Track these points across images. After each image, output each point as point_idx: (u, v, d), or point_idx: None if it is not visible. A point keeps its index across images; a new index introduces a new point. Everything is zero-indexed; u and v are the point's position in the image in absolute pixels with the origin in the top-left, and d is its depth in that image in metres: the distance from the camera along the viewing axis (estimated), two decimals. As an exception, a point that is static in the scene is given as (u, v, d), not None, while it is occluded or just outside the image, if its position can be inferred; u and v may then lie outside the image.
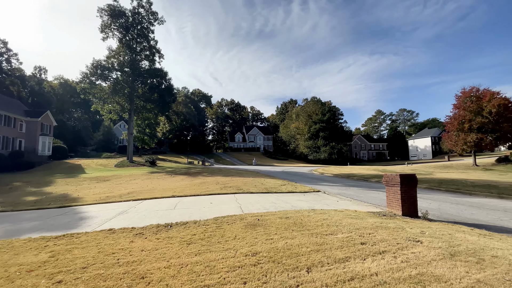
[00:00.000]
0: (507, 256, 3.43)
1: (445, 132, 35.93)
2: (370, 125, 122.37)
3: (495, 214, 7.29)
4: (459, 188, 12.72)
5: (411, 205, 6.78)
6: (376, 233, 4.56)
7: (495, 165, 29.91)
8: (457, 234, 4.58)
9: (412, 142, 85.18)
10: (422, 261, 3.25)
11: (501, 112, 27.95)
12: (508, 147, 60.98)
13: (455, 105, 32.03)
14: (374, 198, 10.34)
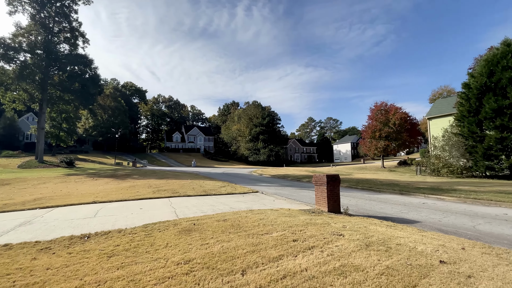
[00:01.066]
0: (407, 244, 4.12)
1: (361, 139, 41.96)
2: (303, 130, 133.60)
3: (398, 208, 8.79)
4: (371, 187, 14.95)
5: (335, 202, 7.58)
6: (307, 230, 4.88)
7: (397, 167, 36.53)
8: (371, 227, 5.31)
9: (336, 146, 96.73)
10: (344, 253, 3.61)
11: (402, 124, 34.39)
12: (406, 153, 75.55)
13: (370, 116, 37.84)
14: (305, 196, 11.21)
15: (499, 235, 5.44)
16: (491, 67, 19.67)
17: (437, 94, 66.14)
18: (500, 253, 3.82)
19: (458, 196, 10.53)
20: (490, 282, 2.68)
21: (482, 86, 19.99)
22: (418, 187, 13.87)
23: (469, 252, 3.75)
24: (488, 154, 19.52)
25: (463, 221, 6.74)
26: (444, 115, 28.75)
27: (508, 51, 19.04)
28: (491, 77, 19.52)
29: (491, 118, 19.20)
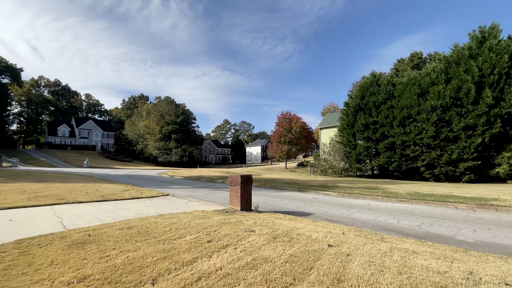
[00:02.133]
0: (305, 233, 4.83)
1: (270, 143, 46.15)
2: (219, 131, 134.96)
3: (297, 203, 10.14)
4: (277, 185, 16.65)
5: (247, 201, 8.05)
6: (221, 229, 4.98)
7: (296, 168, 42.09)
8: (277, 221, 5.94)
9: (248, 149, 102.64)
10: (255, 247, 3.90)
11: (302, 131, 39.96)
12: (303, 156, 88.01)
13: (277, 123, 42.15)
14: (219, 197, 11.36)
15: (366, 220, 7.15)
16: (362, 92, 25.61)
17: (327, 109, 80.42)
18: (366, 234, 5.03)
19: (338, 191, 13.15)
20: (361, 257, 3.51)
21: (357, 106, 25.74)
22: (311, 185, 16.43)
23: (347, 236, 4.77)
24: (359, 158, 25.26)
25: (342, 211, 8.47)
26: (331, 126, 35.29)
27: (374, 81, 25.34)
28: (363, 99, 25.42)
29: (361, 131, 24.95)
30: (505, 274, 3.15)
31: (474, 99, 17.70)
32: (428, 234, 5.82)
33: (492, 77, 17.19)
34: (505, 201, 9.69)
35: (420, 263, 3.30)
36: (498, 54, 17.32)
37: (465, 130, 18.03)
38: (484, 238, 5.54)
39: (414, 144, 20.90)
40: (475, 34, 19.28)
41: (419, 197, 10.94)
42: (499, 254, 4.27)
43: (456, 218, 7.57)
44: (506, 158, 16.60)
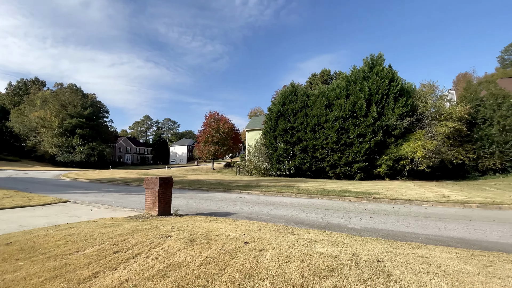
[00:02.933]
0: (224, 233, 4.91)
1: (196, 143, 44.93)
2: (138, 128, 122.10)
3: (220, 204, 10.20)
4: (201, 187, 16.33)
5: (166, 205, 7.58)
6: (132, 238, 4.53)
7: (223, 169, 42.38)
8: (197, 223, 5.82)
9: (173, 148, 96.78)
10: (170, 253, 3.72)
11: (229, 132, 40.53)
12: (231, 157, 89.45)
13: (204, 123, 41.45)
14: (134, 202, 10.29)
15: (281, 216, 7.83)
16: (283, 99, 28.06)
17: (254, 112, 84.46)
18: (280, 229, 5.52)
19: (260, 190, 13.97)
20: (272, 250, 3.83)
21: (278, 112, 28.01)
22: (236, 185, 16.87)
23: (263, 231, 5.12)
24: (279, 159, 27.52)
25: (261, 209, 9.03)
26: (257, 129, 37.20)
27: (293, 91, 28.13)
28: (283, 106, 27.85)
29: (282, 134, 27.27)
30: (377, 252, 4.04)
31: (365, 113, 22.03)
32: (328, 224, 6.85)
33: (377, 96, 21.83)
34: (382, 194, 12.38)
35: (319, 251, 3.86)
36: (382, 78, 22.13)
37: (358, 137, 22.18)
38: (367, 224, 6.93)
39: (322, 148, 24.29)
40: (367, 60, 24.03)
41: (324, 193, 12.76)
42: (375, 237, 5.42)
43: (349, 209, 9.18)
44: (385, 161, 21.32)
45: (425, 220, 7.45)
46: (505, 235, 5.90)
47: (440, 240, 5.46)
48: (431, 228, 6.47)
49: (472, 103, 23.66)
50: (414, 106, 22.31)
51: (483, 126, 22.90)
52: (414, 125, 21.82)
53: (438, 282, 2.93)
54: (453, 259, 3.82)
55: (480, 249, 4.76)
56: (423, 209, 9.27)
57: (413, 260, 3.65)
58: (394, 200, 10.95)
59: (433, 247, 4.52)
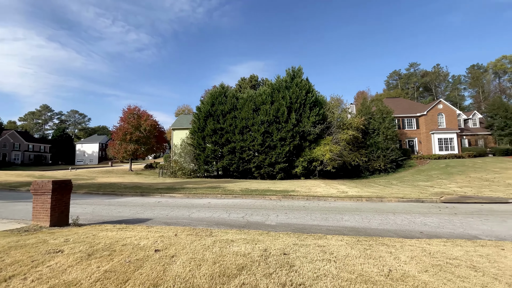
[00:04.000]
0: (133, 242, 4.44)
1: (111, 140, 39.54)
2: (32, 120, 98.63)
3: (135, 209, 9.23)
4: (114, 191, 14.42)
5: (62, 213, 6.34)
6: (7, 257, 3.58)
7: (143, 170, 38.62)
8: (101, 233, 5.08)
9: (80, 146, 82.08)
10: (57, 272, 3.10)
11: (152, 130, 37.29)
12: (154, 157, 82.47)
13: (122, 118, 36.90)
14: (20, 211, 8.22)
15: (203, 218, 7.67)
16: (213, 100, 27.85)
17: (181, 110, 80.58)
18: (198, 232, 5.39)
19: (184, 193, 13.38)
20: (185, 256, 3.69)
21: (207, 112, 27.61)
22: (157, 188, 15.65)
23: (179, 236, 4.89)
24: (207, 160, 27.08)
25: (183, 212, 8.65)
26: (184, 128, 35.61)
27: (222, 92, 28.24)
28: (213, 106, 27.63)
29: (210, 135, 26.96)
30: (285, 246, 4.43)
31: (286, 119, 24.17)
32: (248, 223, 7.13)
33: (296, 104, 24.29)
34: (297, 192, 13.77)
35: (233, 250, 3.95)
36: (301, 89, 24.76)
37: (280, 141, 24.11)
38: (282, 220, 7.55)
39: (248, 149, 25.26)
40: (289, 72, 26.46)
41: (248, 193, 13.26)
42: (287, 231, 5.95)
43: (268, 207, 9.82)
44: (301, 162, 23.87)
45: (328, 213, 8.67)
46: (383, 222, 7.45)
47: (337, 230, 6.44)
48: (332, 220, 7.57)
49: (366, 116, 29.21)
50: (325, 116, 25.84)
51: (372, 135, 28.55)
52: (324, 132, 25.25)
53: (329, 267, 3.43)
54: (343, 246, 4.57)
55: (365, 235, 5.85)
56: (327, 204, 10.78)
57: (313, 250, 4.18)
58: (306, 197, 12.33)
59: (331, 237, 5.29)
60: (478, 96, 73.60)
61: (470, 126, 39.71)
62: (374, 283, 3.00)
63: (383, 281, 3.09)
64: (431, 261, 3.91)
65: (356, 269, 3.45)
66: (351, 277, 3.14)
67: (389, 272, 3.38)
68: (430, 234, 6.06)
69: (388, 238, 5.40)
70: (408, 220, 7.60)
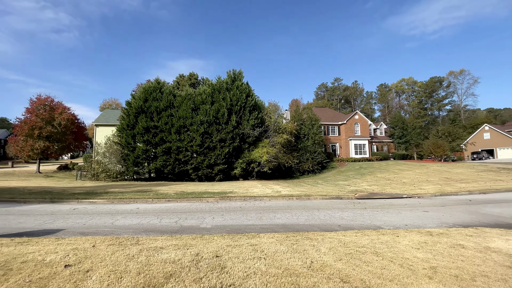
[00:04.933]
0: (36, 258, 3.71)
1: (13, 135, 32.13)
2: None
3: (43, 219, 7.72)
4: (14, 197, 11.76)
5: None
6: None
7: (56, 172, 32.58)
8: (-12, 252, 4.06)
9: (-39, 142, 63.65)
10: None
11: (69, 125, 31.90)
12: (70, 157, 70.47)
13: (29, 110, 30.47)
14: None
15: (129, 225, 6.97)
16: (146, 95, 25.71)
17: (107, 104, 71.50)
18: (122, 241, 4.88)
19: (108, 198, 11.89)
20: (104, 269, 3.29)
21: (139, 108, 25.30)
22: (73, 193, 13.45)
23: (98, 248, 4.33)
24: (137, 161, 24.73)
25: (105, 220, 7.67)
26: (110, 124, 31.68)
27: (158, 87, 26.35)
28: (146, 102, 25.49)
29: (142, 133, 24.76)
30: (219, 248, 4.43)
31: (226, 120, 24.25)
32: (181, 228, 6.84)
33: (237, 107, 24.67)
34: (235, 193, 13.94)
35: (162, 258, 3.74)
36: (241, 92, 25.25)
37: (220, 142, 24.00)
38: (218, 222, 7.52)
39: (186, 150, 24.23)
40: (230, 74, 26.69)
41: (184, 196, 12.72)
42: (222, 233, 5.96)
43: (205, 210, 9.63)
44: (240, 163, 24.29)
45: (262, 212, 9.08)
46: (309, 218, 8.23)
47: (270, 228, 6.80)
48: (266, 219, 7.96)
49: (298, 122, 31.88)
50: (263, 120, 27.03)
51: (303, 139, 31.34)
52: (262, 135, 26.39)
53: (259, 265, 3.61)
54: (273, 243, 4.87)
55: (293, 231, 6.35)
56: (262, 203, 11.28)
57: (246, 250, 4.32)
58: (243, 198, 12.62)
59: (263, 235, 5.55)
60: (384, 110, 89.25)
61: (378, 135, 47.72)
62: (297, 275, 3.30)
63: (306, 272, 3.43)
64: (345, 250, 4.54)
65: (283, 264, 3.73)
66: (278, 272, 3.38)
67: (311, 264, 3.77)
68: (345, 227, 7.01)
69: (312, 232, 6.01)
70: (329, 215, 8.62)
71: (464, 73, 77.72)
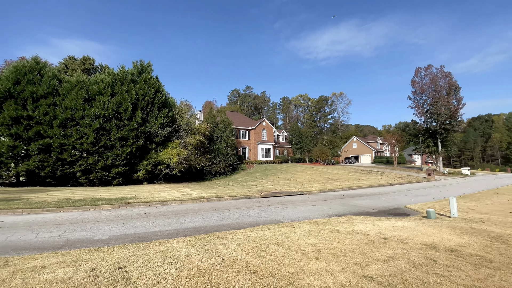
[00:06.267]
0: None
1: None
2: None
3: None
4: None
5: None
6: None
7: None
8: None
9: None
10: None
11: None
12: None
13: None
14: None
15: (-20, 247, 5.19)
16: (19, 76, 19.74)
17: None
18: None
19: None
20: None
21: (6, 91, 19.13)
22: None
23: None
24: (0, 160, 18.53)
25: None
26: None
27: (36, 68, 20.68)
28: (18, 85, 19.53)
29: (8, 125, 18.77)
30: (121, 259, 3.99)
31: (130, 116, 21.55)
32: (68, 241, 5.68)
33: (144, 102, 22.36)
34: (138, 198, 12.62)
35: (45, 278, 3.05)
36: (149, 86, 23.06)
37: (120, 140, 21.04)
38: (118, 232, 6.65)
39: (73, 148, 19.95)
40: (137, 65, 24.00)
41: (70, 204, 10.50)
42: (124, 243, 5.33)
43: (100, 219, 8.29)
44: (145, 165, 22.04)
45: (171, 217, 8.65)
46: (220, 218, 8.45)
47: (180, 232, 6.59)
48: (175, 224, 7.64)
49: (212, 124, 32.04)
50: (174, 119, 25.61)
51: (216, 141, 31.70)
52: (173, 134, 24.96)
53: (170, 270, 3.51)
54: (184, 247, 4.79)
55: (204, 232, 6.39)
56: (171, 208, 10.72)
57: (154, 257, 4.08)
58: (148, 203, 11.60)
59: (172, 240, 5.35)
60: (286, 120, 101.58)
61: (280, 141, 53.82)
62: (210, 274, 3.42)
63: (218, 269, 3.59)
64: (252, 244, 4.98)
65: (195, 265, 3.75)
66: (191, 274, 3.39)
67: (222, 261, 3.97)
68: (253, 223, 7.64)
69: (223, 232, 6.25)
70: (238, 214, 9.14)
71: (342, 95, 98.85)
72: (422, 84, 40.02)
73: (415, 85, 40.73)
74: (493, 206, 11.38)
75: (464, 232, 6.17)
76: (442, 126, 38.34)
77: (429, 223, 7.33)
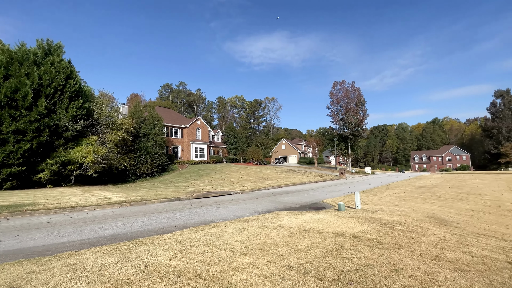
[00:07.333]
0: None
1: None
2: None
3: None
4: None
5: None
6: None
7: None
8: None
9: None
10: None
11: None
12: None
13: None
14: None
15: None
16: None
17: None
18: None
19: None
20: None
21: None
22: None
23: None
24: None
25: None
26: None
27: None
28: None
29: None
30: (15, 278, 3.26)
31: (30, 105, 17.56)
32: None
33: (49, 89, 18.55)
34: (40, 205, 10.43)
35: None
36: (58, 71, 19.29)
37: (15, 134, 16.90)
38: (10, 246, 5.38)
39: None
40: (42, 44, 19.79)
41: None
42: (18, 259, 4.34)
43: (-23, 234, 6.49)
44: (49, 165, 18.29)
45: (84, 225, 7.50)
46: (145, 223, 7.79)
47: (94, 241, 5.78)
48: (88, 232, 6.66)
49: (138, 120, 29.15)
50: (91, 111, 22.18)
51: (143, 139, 29.00)
52: (88, 129, 21.59)
53: (80, 285, 3.07)
54: (99, 257, 4.25)
55: (125, 240, 5.79)
56: (84, 214, 9.28)
57: (59, 272, 3.48)
58: (54, 210, 9.74)
59: (84, 251, 4.67)
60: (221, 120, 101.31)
61: (215, 140, 53.38)
62: (129, 283, 3.15)
63: (139, 278, 3.34)
64: (180, 247, 4.82)
65: (112, 276, 3.39)
66: (106, 286, 3.05)
67: (145, 268, 3.71)
68: (182, 226, 7.35)
69: (147, 237, 5.81)
70: (167, 218, 8.64)
71: (274, 100, 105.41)
72: (338, 96, 46.65)
73: (332, 97, 47.15)
74: (386, 198, 14.18)
75: (364, 221, 7.50)
76: (352, 133, 45.51)
77: (339, 215, 8.59)
